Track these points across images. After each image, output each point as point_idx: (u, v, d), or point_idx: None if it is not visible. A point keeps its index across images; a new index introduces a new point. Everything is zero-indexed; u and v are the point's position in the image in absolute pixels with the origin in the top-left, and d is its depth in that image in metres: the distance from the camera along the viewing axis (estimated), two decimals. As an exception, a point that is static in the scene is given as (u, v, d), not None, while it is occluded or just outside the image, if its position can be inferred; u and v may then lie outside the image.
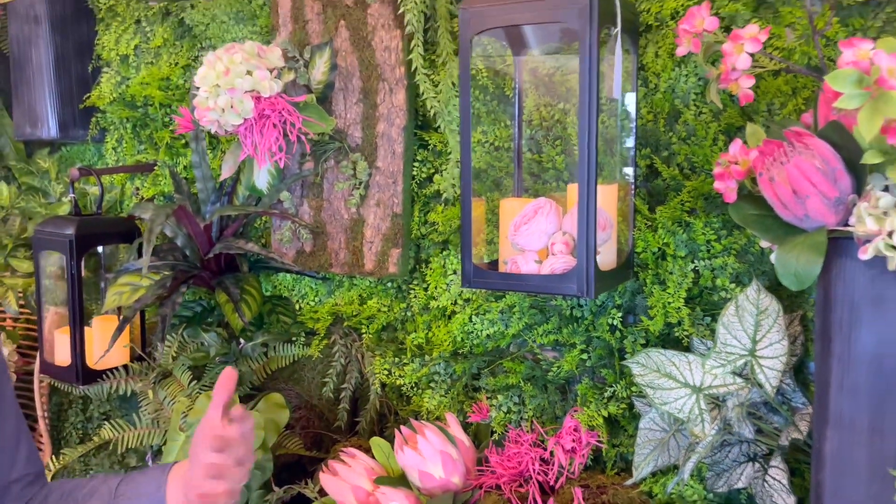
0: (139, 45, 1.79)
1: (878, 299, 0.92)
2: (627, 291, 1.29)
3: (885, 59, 0.78)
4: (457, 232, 1.43)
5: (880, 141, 0.84)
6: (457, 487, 1.30)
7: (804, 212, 0.93)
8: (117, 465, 1.95)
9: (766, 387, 1.10)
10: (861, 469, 0.95)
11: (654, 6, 1.21)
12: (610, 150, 1.23)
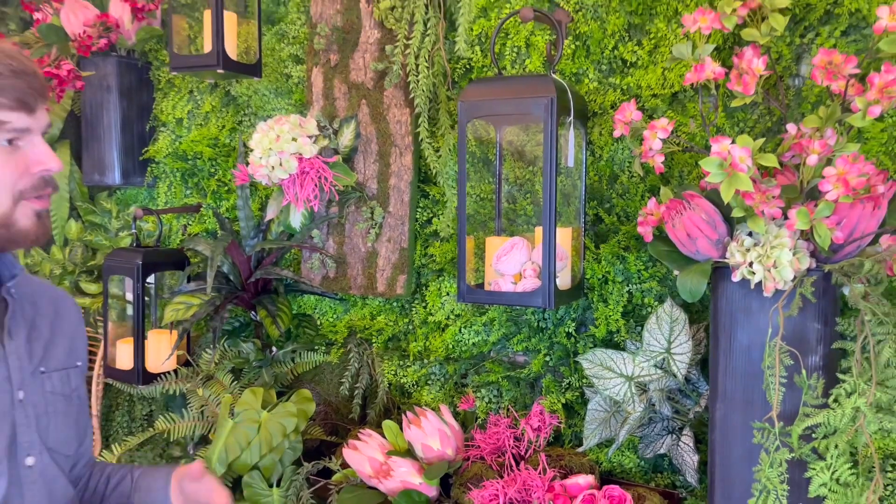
0: (191, 110, 2.16)
1: (747, 309, 1.32)
2: (579, 308, 1.68)
3: (737, 151, 1.18)
4: (450, 262, 1.81)
5: (741, 202, 1.24)
6: (450, 458, 1.66)
7: (696, 248, 1.33)
8: (159, 458, 2.27)
9: (678, 375, 1.49)
10: (738, 428, 1.33)
11: (598, 98, 1.62)
12: (566, 202, 1.63)
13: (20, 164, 0.96)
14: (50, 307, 1.13)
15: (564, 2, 1.63)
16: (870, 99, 1.18)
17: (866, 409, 1.13)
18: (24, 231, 0.97)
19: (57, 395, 1.07)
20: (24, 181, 0.96)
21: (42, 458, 1.03)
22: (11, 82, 0.92)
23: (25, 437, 1.01)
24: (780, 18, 1.30)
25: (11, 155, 0.95)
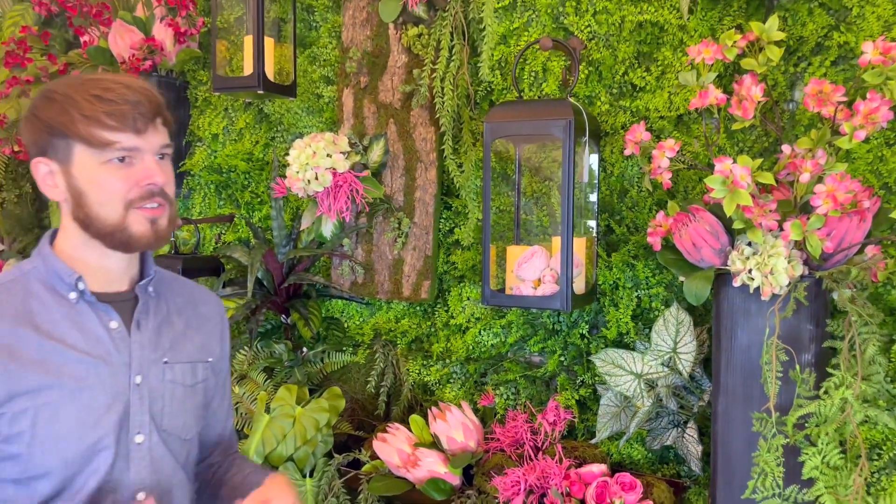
0: (226, 126, 2.29)
1: (747, 311, 1.45)
2: (592, 311, 1.81)
3: (738, 170, 1.31)
4: (471, 269, 1.94)
5: (741, 215, 1.38)
6: (473, 449, 1.79)
7: (700, 257, 1.46)
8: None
9: (683, 373, 1.62)
10: (738, 419, 1.46)
11: (610, 119, 1.76)
12: (580, 214, 1.76)
13: (130, 178, 1.07)
14: (189, 307, 1.25)
15: (578, 31, 1.77)
16: (856, 124, 1.32)
17: (853, 399, 1.26)
18: (136, 236, 1.08)
19: (177, 384, 1.18)
20: (133, 193, 1.07)
21: (151, 438, 1.14)
22: (124, 109, 1.04)
23: (138, 416, 1.12)
24: (776, 50, 1.44)
25: (124, 170, 1.07)
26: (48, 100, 1.06)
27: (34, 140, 1.08)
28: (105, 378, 1.10)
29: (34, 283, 1.11)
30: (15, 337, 1.05)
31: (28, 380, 1.04)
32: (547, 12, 1.80)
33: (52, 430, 1.05)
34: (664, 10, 1.67)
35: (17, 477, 1.07)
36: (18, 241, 2.54)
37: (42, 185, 1.10)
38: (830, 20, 1.54)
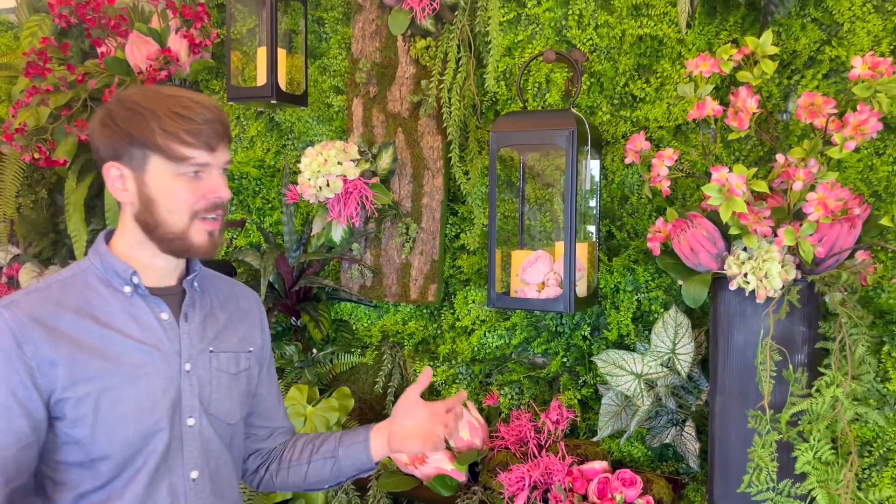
0: (238, 134, 2.35)
1: (743, 314, 1.50)
2: (594, 314, 1.87)
3: (734, 178, 1.37)
4: (476, 273, 2.00)
5: (737, 221, 1.43)
6: (478, 447, 1.85)
7: (698, 261, 1.52)
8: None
9: (682, 373, 1.68)
10: (734, 417, 1.52)
11: (611, 129, 1.82)
12: (583, 220, 1.82)
13: (199, 191, 1.16)
14: (231, 302, 1.33)
15: (581, 44, 1.83)
16: (846, 135, 1.38)
17: (843, 397, 1.32)
18: (196, 244, 1.17)
19: (222, 372, 1.26)
20: (200, 204, 1.16)
21: (201, 421, 1.23)
22: (202, 128, 1.13)
23: (188, 401, 1.21)
24: (770, 63, 1.50)
25: (194, 183, 1.15)
26: (130, 110, 1.13)
27: (110, 145, 1.15)
28: (159, 365, 1.18)
29: (92, 278, 1.19)
30: (77, 327, 1.13)
31: (90, 366, 1.12)
32: (550, 26, 1.87)
33: (114, 414, 1.13)
34: (663, 25, 1.73)
35: (80, 459, 1.14)
36: (34, 246, 2.59)
37: (111, 186, 1.17)
38: (822, 35, 1.60)
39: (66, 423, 1.12)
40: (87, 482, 1.15)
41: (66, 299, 1.15)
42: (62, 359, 1.11)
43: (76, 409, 1.11)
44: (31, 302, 1.13)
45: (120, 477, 1.15)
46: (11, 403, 1.09)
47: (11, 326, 1.09)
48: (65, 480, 1.16)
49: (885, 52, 1.54)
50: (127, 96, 1.15)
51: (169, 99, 1.13)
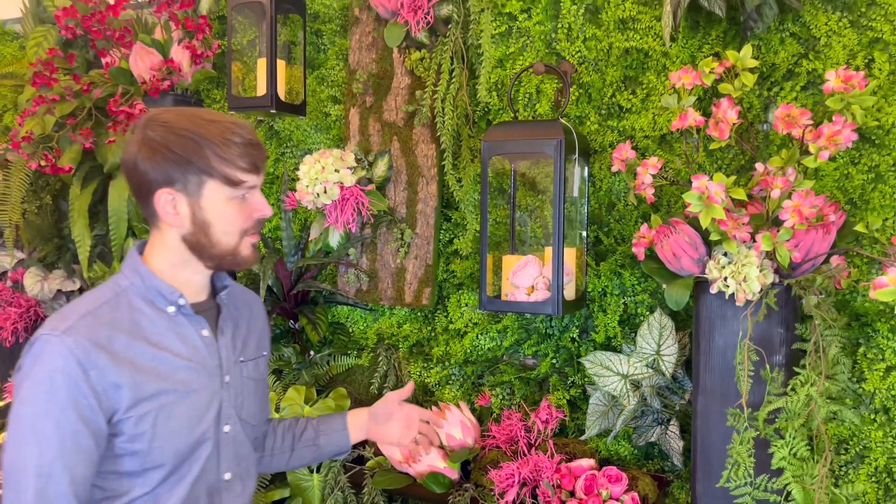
0: (238, 142, 2.41)
1: (723, 316, 1.56)
2: (582, 316, 1.92)
3: (713, 186, 1.43)
4: (469, 277, 2.05)
5: (717, 227, 1.49)
6: (470, 446, 1.90)
7: (680, 266, 1.57)
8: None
9: (666, 374, 1.73)
10: (716, 416, 1.57)
11: (598, 138, 1.88)
12: (571, 226, 1.87)
13: (246, 211, 1.22)
14: (246, 309, 1.39)
15: (570, 56, 1.89)
16: (820, 145, 1.43)
17: (817, 396, 1.37)
18: (244, 257, 1.24)
19: (250, 379, 1.34)
20: (248, 223, 1.23)
21: (235, 427, 1.29)
22: (250, 151, 1.19)
23: (227, 410, 1.28)
24: (750, 76, 1.56)
25: (242, 204, 1.22)
26: (183, 137, 1.15)
27: (162, 171, 1.16)
28: (204, 380, 1.25)
29: (135, 299, 1.22)
30: (133, 349, 1.17)
31: (149, 386, 1.17)
32: (540, 38, 1.92)
33: (168, 428, 1.19)
34: (648, 38, 1.79)
35: (134, 469, 1.19)
36: (39, 251, 2.64)
37: (161, 211, 1.19)
38: (800, 49, 1.66)
39: (125, 439, 1.17)
40: (137, 489, 1.20)
41: (117, 321, 1.18)
42: (125, 382, 1.15)
43: (136, 426, 1.16)
44: (88, 326, 1.15)
45: (166, 482, 1.21)
46: (80, 427, 1.12)
47: (76, 353, 1.12)
48: (115, 489, 1.20)
49: (860, 66, 1.60)
50: (174, 122, 1.17)
51: (215, 125, 1.17)
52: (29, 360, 1.13)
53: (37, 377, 1.11)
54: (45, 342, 1.13)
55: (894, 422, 1.59)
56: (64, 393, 1.11)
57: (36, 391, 1.11)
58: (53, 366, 1.11)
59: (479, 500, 1.76)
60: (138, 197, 1.22)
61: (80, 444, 1.12)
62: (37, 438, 1.10)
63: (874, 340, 1.60)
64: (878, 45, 1.59)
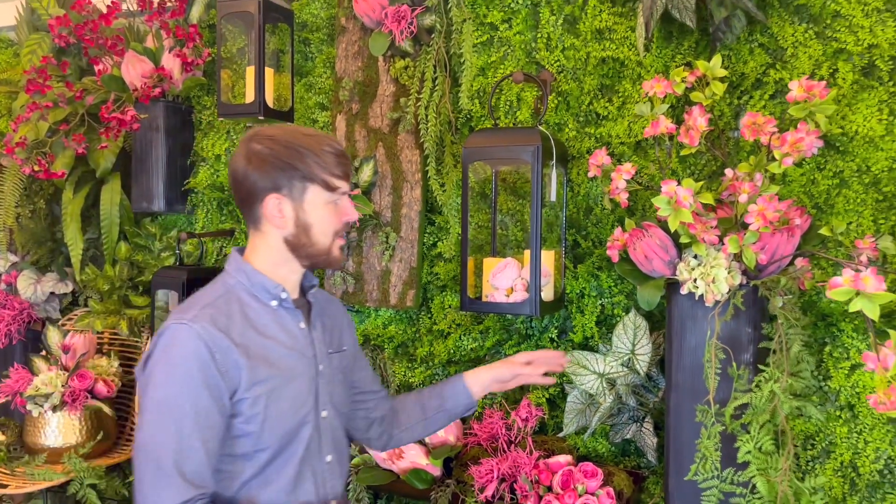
0: (228, 147, 2.45)
1: (694, 316, 1.61)
2: (560, 317, 1.98)
3: (681, 191, 1.48)
4: (452, 279, 2.10)
5: (686, 231, 1.54)
6: (452, 443, 1.94)
7: (652, 268, 1.62)
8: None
9: (640, 372, 1.78)
10: (687, 413, 1.62)
11: (577, 144, 1.93)
12: (550, 230, 1.93)
13: (338, 214, 1.35)
14: (329, 306, 1.49)
15: (549, 65, 1.94)
16: (784, 152, 1.49)
17: (780, 392, 1.43)
18: (335, 258, 1.37)
19: (337, 369, 1.44)
20: (339, 225, 1.36)
21: (331, 413, 1.40)
22: (342, 161, 1.33)
23: (323, 397, 1.38)
24: (720, 85, 1.61)
25: (336, 208, 1.34)
26: (289, 148, 1.28)
27: (269, 179, 1.28)
28: (304, 367, 1.35)
29: (243, 294, 1.33)
30: (246, 338, 1.28)
31: (261, 371, 1.28)
32: (521, 48, 1.98)
33: (276, 410, 1.29)
34: (624, 48, 1.85)
35: (246, 451, 1.29)
36: (32, 254, 2.68)
37: (269, 214, 1.30)
38: (768, 59, 1.72)
39: (242, 420, 1.27)
40: (249, 470, 1.30)
41: (231, 313, 1.29)
42: (243, 364, 1.25)
43: (251, 407, 1.26)
44: (210, 315, 1.26)
45: (273, 464, 1.31)
46: (211, 404, 1.23)
47: (204, 337, 1.23)
48: (231, 470, 1.30)
49: (825, 75, 1.66)
50: (278, 136, 1.30)
51: (312, 138, 1.31)
52: (160, 348, 1.24)
53: (171, 361, 1.23)
54: (175, 330, 1.24)
55: (859, 418, 1.65)
56: (197, 373, 1.22)
57: (171, 374, 1.22)
58: (186, 350, 1.22)
59: (459, 495, 1.81)
60: (244, 204, 1.33)
61: (211, 420, 1.23)
62: (174, 417, 1.20)
63: (839, 340, 1.66)
64: (842, 55, 1.65)
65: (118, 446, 2.52)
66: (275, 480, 1.31)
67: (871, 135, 1.62)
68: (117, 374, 2.49)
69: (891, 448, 1.62)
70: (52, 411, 2.31)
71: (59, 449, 2.31)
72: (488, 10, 2.01)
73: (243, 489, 1.30)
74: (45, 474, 2.19)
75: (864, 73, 1.64)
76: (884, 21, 1.61)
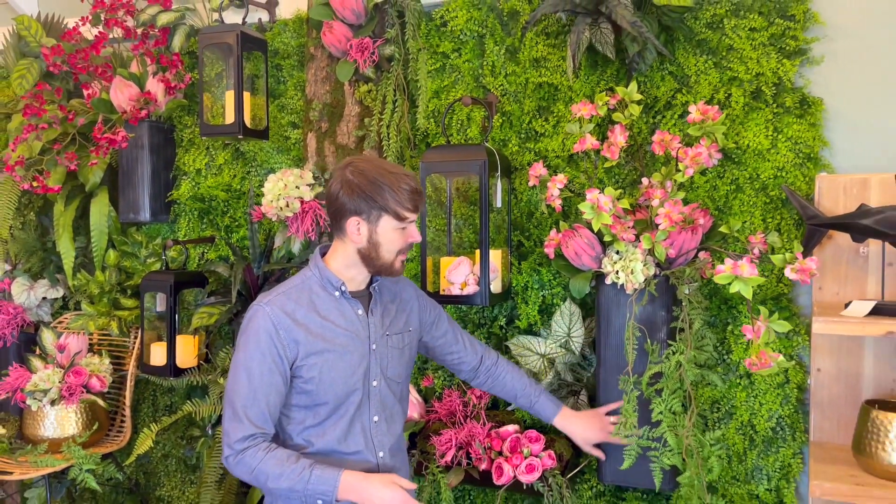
0: (208, 162, 2.66)
1: (618, 303, 1.88)
2: (508, 307, 2.24)
3: (602, 198, 1.75)
4: (415, 277, 2.34)
5: (608, 231, 1.81)
6: (416, 420, 2.19)
7: (581, 262, 1.89)
8: (181, 439, 2.73)
9: (575, 352, 2.05)
10: (614, 385, 1.89)
11: (519, 157, 2.19)
12: (497, 231, 2.18)
13: (404, 237, 1.62)
14: (397, 298, 1.76)
15: (494, 89, 2.20)
16: (686, 164, 1.77)
17: (685, 362, 1.70)
18: (396, 269, 1.64)
19: (393, 348, 1.71)
20: (404, 247, 1.63)
21: (381, 382, 1.67)
22: (414, 197, 1.59)
23: (374, 369, 1.65)
24: (636, 107, 1.89)
25: (403, 233, 1.61)
26: (371, 182, 1.56)
27: (354, 205, 1.56)
28: (357, 345, 1.64)
29: (314, 285, 1.65)
30: (308, 318, 1.60)
31: (317, 345, 1.59)
32: (469, 74, 2.24)
33: (330, 376, 1.60)
34: (557, 75, 2.12)
35: (307, 404, 1.61)
36: (24, 262, 2.85)
37: (349, 230, 1.59)
38: (676, 84, 2.00)
39: (301, 381, 1.59)
40: (309, 419, 1.62)
41: (300, 299, 1.61)
42: (301, 339, 1.57)
43: (308, 372, 1.58)
44: (281, 301, 1.59)
45: (330, 418, 1.62)
46: (273, 366, 1.56)
47: (271, 316, 1.57)
48: (295, 417, 1.63)
49: (722, 99, 1.95)
50: (367, 170, 1.57)
51: (394, 175, 1.58)
52: (245, 322, 1.60)
53: (249, 332, 1.58)
54: (255, 310, 1.59)
55: (755, 385, 1.94)
56: (265, 344, 1.56)
57: (247, 342, 1.57)
58: (259, 325, 1.57)
59: (423, 462, 2.06)
60: (333, 218, 1.61)
61: (273, 381, 1.56)
62: (247, 373, 1.56)
63: (739, 320, 1.95)
64: (735, 82, 1.94)
65: (110, 436, 2.71)
66: (329, 431, 1.61)
67: (759, 148, 1.92)
68: (108, 370, 2.67)
69: (781, 408, 1.91)
70: (50, 405, 2.49)
71: (58, 439, 2.49)
72: (440, 40, 2.26)
73: (303, 433, 1.62)
74: (47, 461, 2.37)
75: (753, 97, 1.94)
76: (768, 53, 1.91)
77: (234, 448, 1.55)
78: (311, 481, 1.52)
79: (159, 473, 2.82)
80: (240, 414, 1.55)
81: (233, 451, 1.55)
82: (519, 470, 1.93)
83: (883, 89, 1.87)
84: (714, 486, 1.96)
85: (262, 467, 1.53)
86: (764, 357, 1.52)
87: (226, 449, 1.57)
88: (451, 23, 2.24)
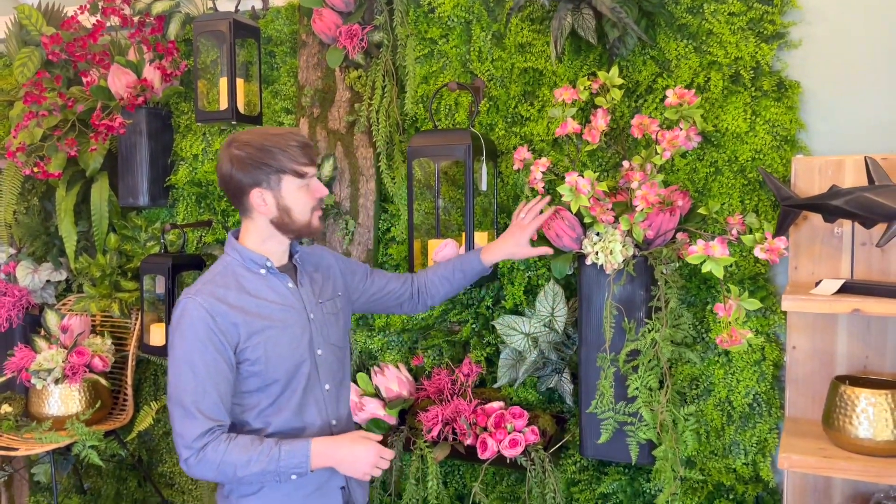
0: (204, 148, 2.70)
1: (599, 283, 1.92)
2: (495, 288, 2.28)
3: (581, 181, 1.79)
4: (404, 259, 2.39)
5: (588, 213, 1.85)
6: (406, 397, 2.24)
7: (563, 244, 1.93)
8: (181, 417, 2.79)
9: (559, 331, 2.09)
10: (594, 362, 1.94)
11: (505, 142, 2.23)
12: (484, 214, 2.22)
13: (311, 194, 1.59)
14: (320, 265, 1.76)
15: (481, 74, 2.23)
16: (663, 147, 1.80)
17: (660, 339, 1.75)
18: (315, 227, 1.62)
19: (329, 314, 1.70)
20: (314, 202, 1.60)
21: (325, 350, 1.66)
22: (307, 151, 1.57)
23: (316, 338, 1.64)
24: (618, 91, 1.91)
25: (308, 189, 1.58)
26: (260, 149, 1.53)
27: (250, 176, 1.53)
28: (295, 317, 1.62)
29: (237, 268, 1.60)
30: (241, 300, 1.56)
31: (256, 324, 1.55)
32: (457, 59, 2.26)
33: (276, 353, 1.57)
34: (541, 60, 2.14)
35: (259, 386, 1.57)
36: (28, 247, 2.91)
37: (255, 204, 1.55)
38: (657, 69, 2.03)
39: (248, 363, 1.55)
40: (264, 401, 1.58)
41: (228, 284, 1.57)
42: (239, 321, 1.53)
43: (254, 352, 1.54)
44: (210, 288, 1.54)
45: (283, 394, 1.59)
46: (217, 356, 1.50)
47: (204, 305, 1.51)
48: (248, 403, 1.58)
49: (701, 83, 1.98)
50: (251, 140, 1.54)
51: (279, 136, 1.55)
52: (175, 319, 1.53)
53: (184, 326, 1.51)
54: (184, 304, 1.52)
55: (732, 362, 1.98)
56: (203, 334, 1.50)
57: (184, 337, 1.51)
58: (193, 316, 1.50)
59: (411, 438, 2.11)
60: (234, 199, 1.58)
61: (219, 369, 1.51)
62: (191, 367, 1.49)
63: (717, 300, 1.98)
64: (714, 66, 1.97)
65: (113, 414, 2.77)
66: (285, 408, 1.59)
67: (738, 131, 1.94)
68: (110, 350, 2.74)
69: (757, 385, 1.95)
70: (54, 384, 2.56)
71: (62, 417, 2.56)
72: (428, 27, 2.29)
73: (260, 416, 1.58)
74: (52, 437, 2.44)
75: (732, 81, 1.96)
76: (746, 38, 1.93)
77: (192, 448, 1.47)
78: (282, 458, 1.50)
79: (161, 450, 2.89)
80: (192, 410, 1.48)
81: (192, 450, 1.47)
82: (503, 445, 1.98)
83: (858, 72, 1.89)
84: (692, 461, 2.01)
85: (228, 458, 1.48)
86: (735, 334, 1.56)
87: (183, 452, 1.48)
88: (438, 9, 2.26)
